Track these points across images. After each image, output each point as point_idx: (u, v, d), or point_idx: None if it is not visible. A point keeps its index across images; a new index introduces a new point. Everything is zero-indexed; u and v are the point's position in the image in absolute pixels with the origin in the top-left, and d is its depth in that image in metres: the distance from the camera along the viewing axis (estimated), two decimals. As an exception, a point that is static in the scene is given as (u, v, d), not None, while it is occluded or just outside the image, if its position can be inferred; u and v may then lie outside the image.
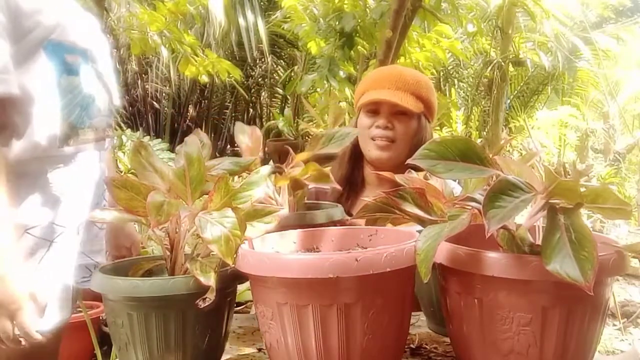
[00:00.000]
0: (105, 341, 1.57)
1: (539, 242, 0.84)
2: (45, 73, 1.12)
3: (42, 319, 1.07)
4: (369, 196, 1.12)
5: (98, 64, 1.25)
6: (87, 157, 1.21)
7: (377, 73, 1.67)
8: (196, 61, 3.51)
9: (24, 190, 1.12)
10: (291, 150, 1.20)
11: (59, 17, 1.17)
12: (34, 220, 1.12)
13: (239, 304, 2.30)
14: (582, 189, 0.78)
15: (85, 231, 1.22)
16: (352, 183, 1.58)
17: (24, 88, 1.09)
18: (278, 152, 5.00)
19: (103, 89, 1.25)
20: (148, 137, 5.79)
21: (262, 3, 6.63)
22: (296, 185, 1.16)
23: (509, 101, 6.65)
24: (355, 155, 1.58)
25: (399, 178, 1.03)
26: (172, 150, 4.82)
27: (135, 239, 1.46)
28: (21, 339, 1.03)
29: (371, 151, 1.52)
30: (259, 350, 1.12)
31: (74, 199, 1.18)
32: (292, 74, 6.90)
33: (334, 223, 1.16)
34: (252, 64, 7.41)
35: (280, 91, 7.88)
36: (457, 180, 1.34)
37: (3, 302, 1.00)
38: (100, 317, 2.16)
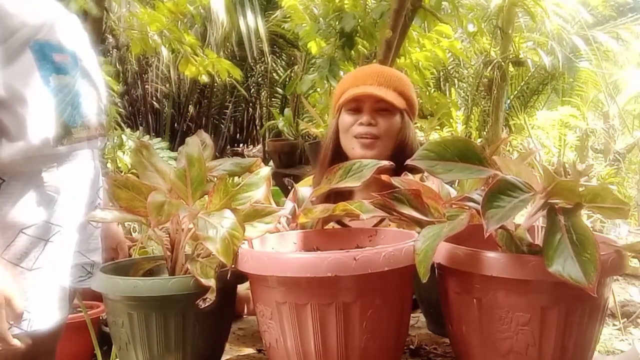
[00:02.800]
0: (105, 341, 1.58)
1: (537, 242, 0.84)
2: (33, 73, 1.11)
3: (22, 323, 1.07)
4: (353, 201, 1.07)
5: (84, 62, 1.25)
6: (81, 155, 1.21)
7: (357, 72, 1.60)
8: (196, 61, 3.51)
9: (19, 190, 1.12)
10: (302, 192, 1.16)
11: (44, 16, 1.17)
12: (29, 220, 1.12)
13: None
14: (581, 189, 0.79)
15: (81, 230, 1.23)
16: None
17: (11, 88, 1.09)
18: (278, 152, 5.01)
19: (91, 87, 1.25)
20: (148, 136, 5.79)
21: (262, 3, 6.63)
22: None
23: (509, 101, 6.65)
24: (338, 157, 1.49)
25: (395, 180, 1.03)
26: (172, 149, 4.82)
27: (119, 239, 1.45)
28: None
29: (355, 149, 1.45)
30: (259, 351, 1.12)
31: (69, 198, 1.18)
32: (292, 74, 6.90)
33: None
34: (252, 64, 7.40)
35: (280, 91, 7.88)
36: (452, 185, 1.32)
37: None
38: (100, 317, 2.16)
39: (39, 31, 1.14)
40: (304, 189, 1.49)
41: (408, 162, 0.87)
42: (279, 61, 7.83)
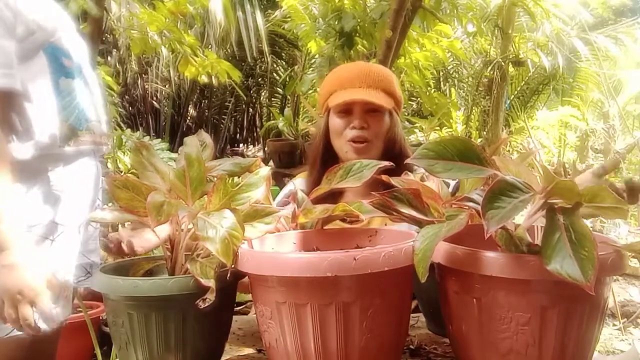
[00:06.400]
0: (105, 341, 1.58)
1: (537, 242, 0.84)
2: (45, 74, 1.15)
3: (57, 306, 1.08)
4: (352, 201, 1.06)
5: (86, 75, 1.29)
6: (86, 158, 1.24)
7: (344, 72, 1.55)
8: (196, 61, 3.51)
9: (26, 189, 1.13)
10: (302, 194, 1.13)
11: (57, 22, 1.22)
12: (35, 219, 1.13)
13: (239, 304, 2.31)
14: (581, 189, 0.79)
15: (84, 231, 1.23)
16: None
17: (25, 85, 1.11)
18: (278, 152, 5.01)
19: (93, 97, 1.29)
20: (148, 137, 5.79)
21: (261, 3, 6.63)
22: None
23: (509, 101, 6.65)
24: (330, 158, 1.50)
25: (394, 180, 1.03)
26: (172, 150, 4.82)
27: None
28: (41, 326, 1.04)
29: (348, 153, 1.46)
30: (259, 351, 1.12)
31: (74, 198, 1.20)
32: (292, 74, 6.90)
33: None
34: (252, 64, 7.41)
35: (280, 91, 7.88)
36: (449, 186, 1.31)
37: (22, 290, 1.01)
38: (100, 317, 2.16)
39: (53, 35, 1.18)
40: (298, 181, 1.51)
41: (408, 161, 0.87)
42: (279, 61, 7.83)
